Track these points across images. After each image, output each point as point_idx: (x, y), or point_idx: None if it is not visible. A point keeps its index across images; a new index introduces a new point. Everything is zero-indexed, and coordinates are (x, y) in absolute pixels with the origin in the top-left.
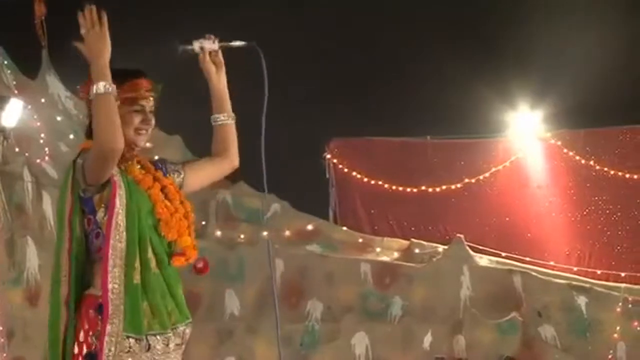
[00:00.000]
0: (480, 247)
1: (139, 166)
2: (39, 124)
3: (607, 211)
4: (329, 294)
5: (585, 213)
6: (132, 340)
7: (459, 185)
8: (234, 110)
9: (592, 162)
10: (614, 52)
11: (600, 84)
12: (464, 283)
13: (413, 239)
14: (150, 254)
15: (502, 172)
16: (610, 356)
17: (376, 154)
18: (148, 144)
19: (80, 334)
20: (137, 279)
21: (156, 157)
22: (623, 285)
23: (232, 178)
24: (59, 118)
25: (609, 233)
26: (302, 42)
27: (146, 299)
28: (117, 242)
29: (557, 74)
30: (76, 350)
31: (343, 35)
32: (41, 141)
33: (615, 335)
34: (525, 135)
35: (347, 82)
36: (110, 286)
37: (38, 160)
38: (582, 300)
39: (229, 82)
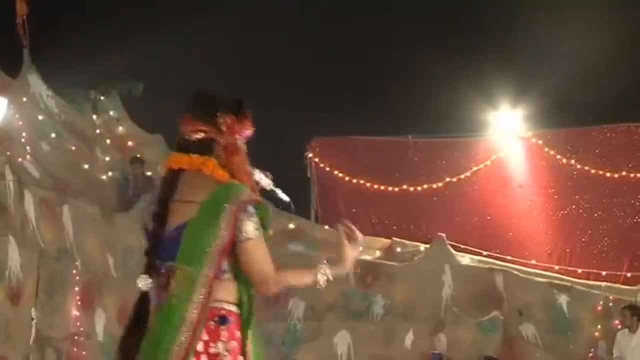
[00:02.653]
0: (462, 246)
1: None
2: (20, 123)
3: (588, 210)
4: (312, 293)
5: (566, 212)
6: None
7: (440, 185)
8: None
9: (573, 162)
10: (595, 52)
11: (581, 84)
12: (446, 282)
13: (395, 238)
14: None
15: (484, 172)
16: (591, 355)
17: (358, 153)
18: (130, 143)
19: (199, 345)
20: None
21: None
22: (604, 284)
23: None
24: (40, 117)
25: (590, 232)
26: (284, 42)
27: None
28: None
29: (538, 74)
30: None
31: (326, 35)
32: (23, 140)
33: (597, 334)
34: (507, 135)
35: (329, 81)
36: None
37: (20, 160)
38: (563, 299)
39: None
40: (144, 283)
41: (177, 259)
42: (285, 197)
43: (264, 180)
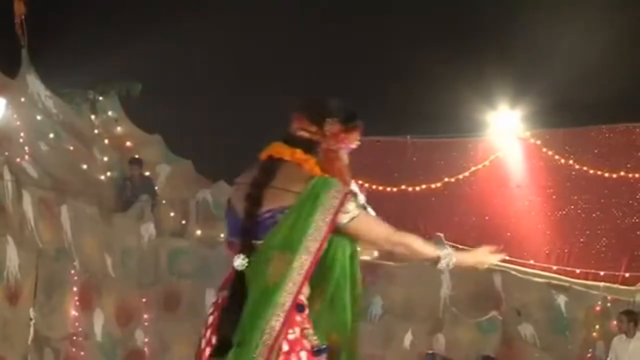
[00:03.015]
0: (460, 246)
1: None
2: (18, 123)
3: (586, 210)
4: None
5: (564, 212)
6: None
7: (438, 185)
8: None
9: (571, 162)
10: (594, 52)
11: (579, 84)
12: (444, 282)
13: None
14: None
15: (482, 172)
16: (589, 355)
17: (356, 153)
18: (128, 143)
19: (289, 332)
20: None
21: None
22: (602, 284)
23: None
24: (38, 117)
25: (588, 232)
26: (282, 42)
27: None
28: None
29: (536, 74)
30: (286, 347)
31: (323, 35)
32: (21, 140)
33: (595, 334)
34: (505, 135)
35: (327, 81)
36: None
37: (18, 160)
38: (561, 299)
39: None
40: (241, 262)
41: (273, 243)
42: (373, 213)
43: (359, 195)
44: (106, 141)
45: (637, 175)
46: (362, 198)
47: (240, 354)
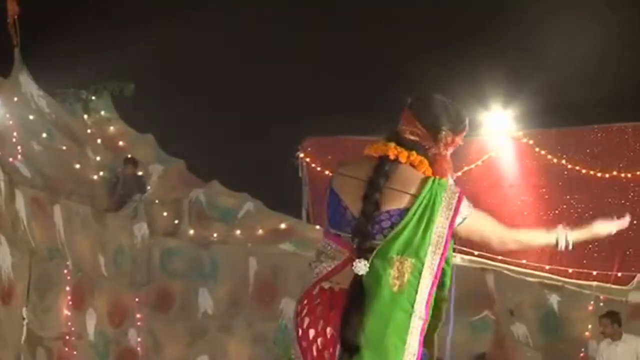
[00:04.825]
0: (454, 246)
1: None
2: (11, 122)
3: (579, 210)
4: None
5: (557, 212)
6: None
7: None
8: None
9: (563, 161)
10: (586, 52)
11: (572, 84)
12: None
13: None
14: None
15: (475, 171)
16: (582, 354)
17: (350, 153)
18: (121, 143)
19: None
20: None
21: None
22: (594, 283)
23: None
24: (31, 117)
25: None
26: (276, 42)
27: None
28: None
29: (529, 74)
30: None
31: (318, 36)
32: (14, 140)
33: (587, 334)
34: (498, 135)
35: (320, 81)
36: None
37: (11, 159)
38: (554, 299)
39: None
40: (363, 267)
41: (394, 247)
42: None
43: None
44: (99, 141)
45: (629, 175)
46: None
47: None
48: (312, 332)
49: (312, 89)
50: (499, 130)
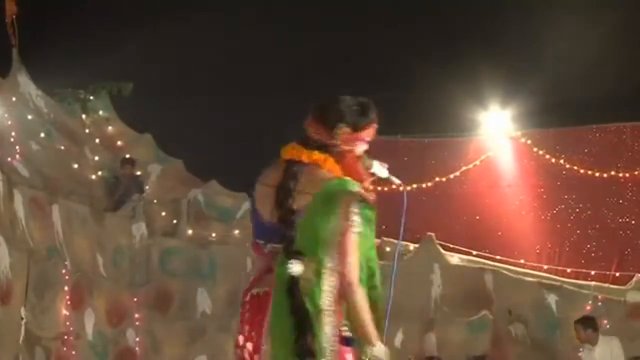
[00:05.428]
0: (451, 246)
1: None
2: (9, 122)
3: (577, 210)
4: None
5: (555, 212)
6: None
7: (430, 184)
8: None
9: (562, 161)
10: (584, 52)
11: (570, 84)
12: (435, 281)
13: (384, 238)
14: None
15: (473, 171)
16: (580, 354)
17: None
18: (119, 143)
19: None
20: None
21: None
22: (593, 283)
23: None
24: (30, 117)
25: (578, 232)
26: (274, 42)
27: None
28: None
29: (527, 74)
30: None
31: (315, 35)
32: (12, 140)
33: None
34: (496, 135)
35: (318, 81)
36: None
37: (9, 159)
38: (552, 299)
39: None
40: (297, 268)
41: (298, 249)
42: (399, 182)
43: (380, 170)
44: (97, 141)
45: (627, 174)
46: (384, 171)
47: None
48: (241, 339)
49: (312, 89)
50: (497, 130)
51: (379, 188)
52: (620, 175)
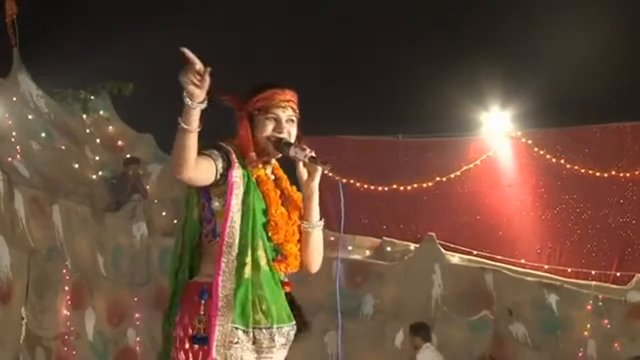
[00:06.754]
0: (452, 246)
1: (268, 170)
2: (10, 122)
3: (578, 210)
4: (300, 293)
5: (555, 211)
6: (240, 332)
7: (430, 184)
8: None
9: (562, 161)
10: (585, 51)
11: (570, 84)
12: (436, 281)
13: (385, 238)
14: (261, 252)
15: (473, 171)
16: (580, 354)
17: (347, 153)
18: (119, 142)
19: (186, 317)
20: (247, 273)
21: None
22: (593, 283)
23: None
24: (30, 116)
25: (579, 231)
26: (273, 42)
27: (255, 294)
28: (230, 238)
29: (527, 74)
30: (180, 333)
31: (314, 35)
32: (12, 139)
33: (586, 333)
34: (496, 134)
35: (317, 81)
36: (220, 278)
37: (9, 159)
38: (552, 298)
39: None
40: None
41: None
42: (325, 167)
43: (299, 154)
44: (98, 140)
45: (628, 174)
46: (304, 155)
47: None
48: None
49: (312, 88)
50: (497, 130)
51: (379, 188)
52: (621, 175)
